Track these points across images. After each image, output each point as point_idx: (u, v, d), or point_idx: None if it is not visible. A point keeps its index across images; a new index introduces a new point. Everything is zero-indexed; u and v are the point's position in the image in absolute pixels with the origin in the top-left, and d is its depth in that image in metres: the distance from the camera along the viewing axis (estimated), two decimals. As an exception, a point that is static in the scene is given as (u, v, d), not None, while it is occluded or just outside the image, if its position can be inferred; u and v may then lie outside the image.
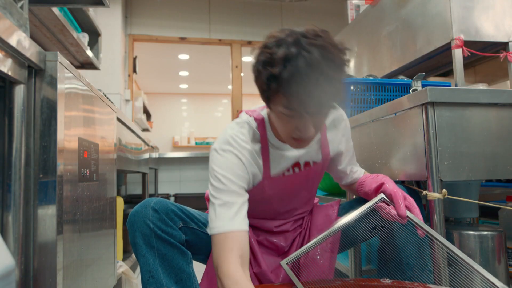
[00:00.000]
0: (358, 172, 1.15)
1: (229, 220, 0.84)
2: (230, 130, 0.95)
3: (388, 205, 0.91)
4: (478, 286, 0.71)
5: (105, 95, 1.40)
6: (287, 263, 0.89)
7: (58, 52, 0.86)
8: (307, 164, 1.04)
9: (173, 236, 0.92)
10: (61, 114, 0.87)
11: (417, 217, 0.87)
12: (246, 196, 0.91)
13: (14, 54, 0.77)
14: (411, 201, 0.91)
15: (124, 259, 1.98)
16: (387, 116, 1.23)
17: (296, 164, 1.03)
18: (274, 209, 1.06)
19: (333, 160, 1.12)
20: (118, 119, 1.62)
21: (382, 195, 0.93)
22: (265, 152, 0.97)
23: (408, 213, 0.87)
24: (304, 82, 0.74)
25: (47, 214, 0.83)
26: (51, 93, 0.84)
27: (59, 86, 0.86)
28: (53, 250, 0.84)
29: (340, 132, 1.08)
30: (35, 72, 0.84)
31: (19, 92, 0.80)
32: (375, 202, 0.92)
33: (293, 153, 1.01)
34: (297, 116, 0.81)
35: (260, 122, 0.98)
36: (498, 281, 0.69)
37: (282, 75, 0.75)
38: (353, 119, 1.47)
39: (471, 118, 1.05)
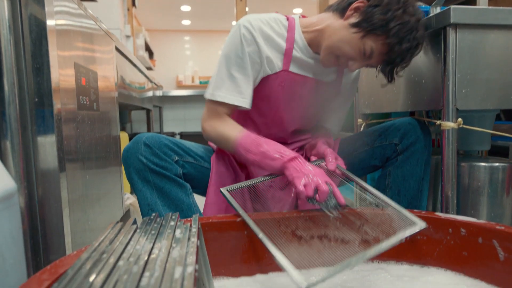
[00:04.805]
0: (325, 133, 1.13)
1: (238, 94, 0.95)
2: (256, 14, 0.97)
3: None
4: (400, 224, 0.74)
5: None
6: (228, 190, 0.84)
7: (43, -36, 0.77)
8: (320, 81, 1.05)
9: (168, 169, 0.91)
10: (52, 34, 0.80)
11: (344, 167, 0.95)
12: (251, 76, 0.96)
13: (-7, -37, 0.69)
14: (340, 159, 0.97)
15: (131, 192, 2.02)
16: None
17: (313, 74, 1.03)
18: (281, 118, 1.03)
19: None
20: (117, 49, 1.54)
21: (318, 160, 0.98)
22: (289, 49, 0.98)
23: (337, 166, 0.94)
24: (409, 42, 0.87)
25: (46, 140, 0.81)
26: (38, 9, 0.77)
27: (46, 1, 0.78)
28: (56, 177, 0.83)
29: (353, 74, 1.13)
30: (20, -14, 0.77)
31: (2, 7, 0.73)
32: (316, 164, 0.97)
33: (312, 64, 1.02)
34: (372, 56, 0.90)
35: (291, 22, 1.00)
36: (419, 220, 0.70)
37: (407, 24, 0.86)
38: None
39: (495, 42, 0.96)
